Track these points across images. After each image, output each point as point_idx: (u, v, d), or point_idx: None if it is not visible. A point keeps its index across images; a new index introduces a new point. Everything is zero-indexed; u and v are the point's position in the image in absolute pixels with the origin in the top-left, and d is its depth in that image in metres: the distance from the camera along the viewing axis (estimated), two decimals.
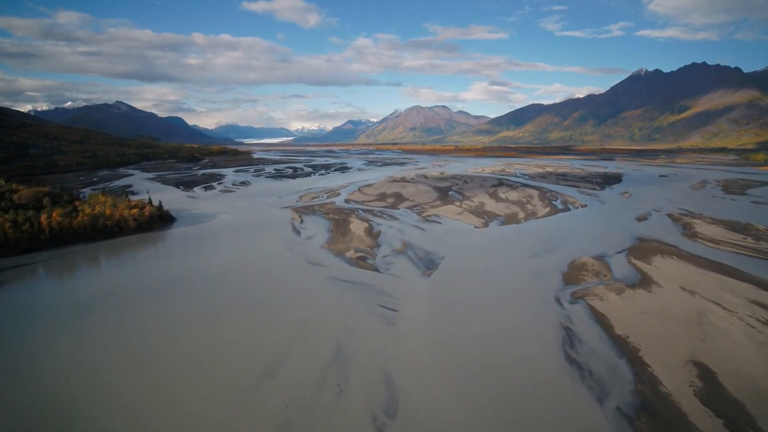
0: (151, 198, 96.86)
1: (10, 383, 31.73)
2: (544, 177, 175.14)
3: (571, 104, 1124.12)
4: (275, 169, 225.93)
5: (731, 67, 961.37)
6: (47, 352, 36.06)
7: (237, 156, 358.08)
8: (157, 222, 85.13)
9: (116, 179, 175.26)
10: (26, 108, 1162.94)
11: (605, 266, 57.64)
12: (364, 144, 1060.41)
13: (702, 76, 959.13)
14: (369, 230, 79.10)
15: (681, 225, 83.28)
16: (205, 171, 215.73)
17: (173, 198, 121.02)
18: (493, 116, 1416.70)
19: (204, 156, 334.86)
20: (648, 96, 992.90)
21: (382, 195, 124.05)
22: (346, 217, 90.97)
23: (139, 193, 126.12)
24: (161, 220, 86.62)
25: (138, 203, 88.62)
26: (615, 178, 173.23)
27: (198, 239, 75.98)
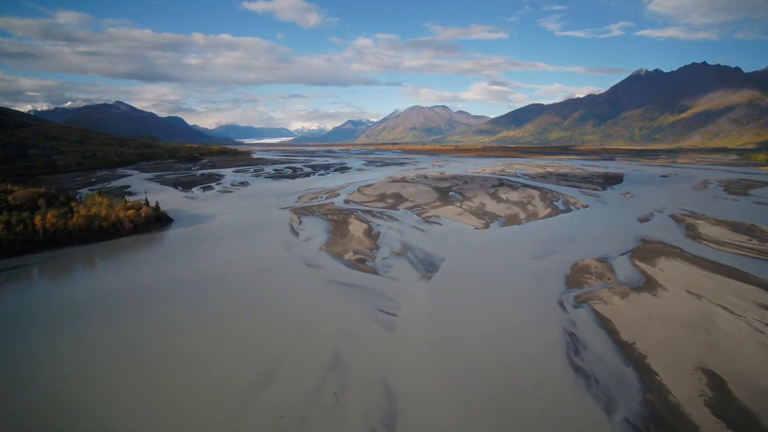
0: (148, 199, 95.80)
1: (10, 383, 31.53)
2: (545, 177, 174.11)
3: (571, 104, 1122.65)
4: (274, 170, 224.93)
5: (731, 67, 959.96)
6: (45, 354, 35.57)
7: (236, 156, 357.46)
8: (154, 223, 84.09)
9: (114, 179, 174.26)
10: (26, 108, 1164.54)
11: (609, 268, 56.58)
12: (364, 144, 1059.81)
13: (702, 76, 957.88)
14: (368, 231, 78.03)
15: (684, 226, 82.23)
16: (204, 171, 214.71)
17: (171, 199, 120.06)
18: (493, 116, 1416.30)
19: (203, 156, 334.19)
20: (648, 96, 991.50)
21: (382, 195, 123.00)
22: (345, 218, 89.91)
23: (137, 194, 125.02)
24: (158, 221, 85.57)
25: (134, 204, 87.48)
26: (616, 179, 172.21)
27: (194, 241, 74.95)
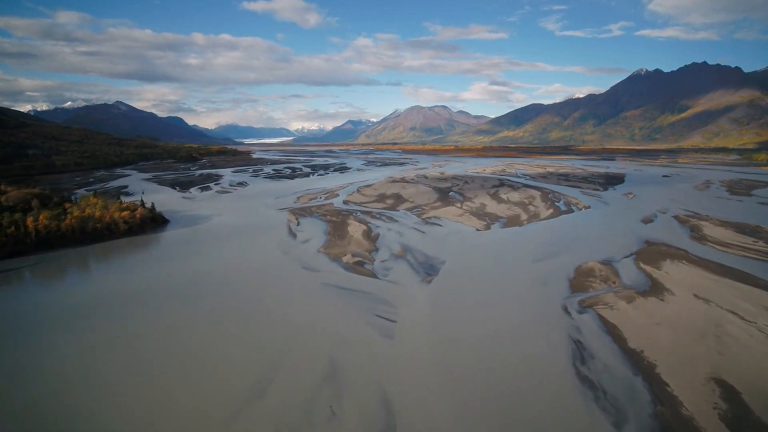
0: (144, 199, 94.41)
1: (10, 384, 31.27)
2: (546, 177, 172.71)
3: (571, 104, 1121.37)
4: (274, 170, 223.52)
5: (731, 67, 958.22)
6: (45, 354, 35.02)
7: (236, 156, 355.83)
8: (149, 224, 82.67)
9: (112, 180, 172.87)
10: (26, 108, 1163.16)
11: (613, 272, 55.20)
12: (364, 144, 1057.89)
13: (702, 76, 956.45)
14: (367, 233, 76.65)
15: (688, 227, 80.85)
16: (203, 171, 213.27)
17: (168, 199, 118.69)
18: (493, 116, 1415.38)
19: (203, 156, 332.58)
20: (648, 96, 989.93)
21: (382, 196, 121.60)
22: (344, 219, 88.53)
23: (134, 194, 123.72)
24: (153, 223, 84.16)
25: (130, 205, 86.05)
26: (617, 179, 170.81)
27: (189, 242, 73.58)
